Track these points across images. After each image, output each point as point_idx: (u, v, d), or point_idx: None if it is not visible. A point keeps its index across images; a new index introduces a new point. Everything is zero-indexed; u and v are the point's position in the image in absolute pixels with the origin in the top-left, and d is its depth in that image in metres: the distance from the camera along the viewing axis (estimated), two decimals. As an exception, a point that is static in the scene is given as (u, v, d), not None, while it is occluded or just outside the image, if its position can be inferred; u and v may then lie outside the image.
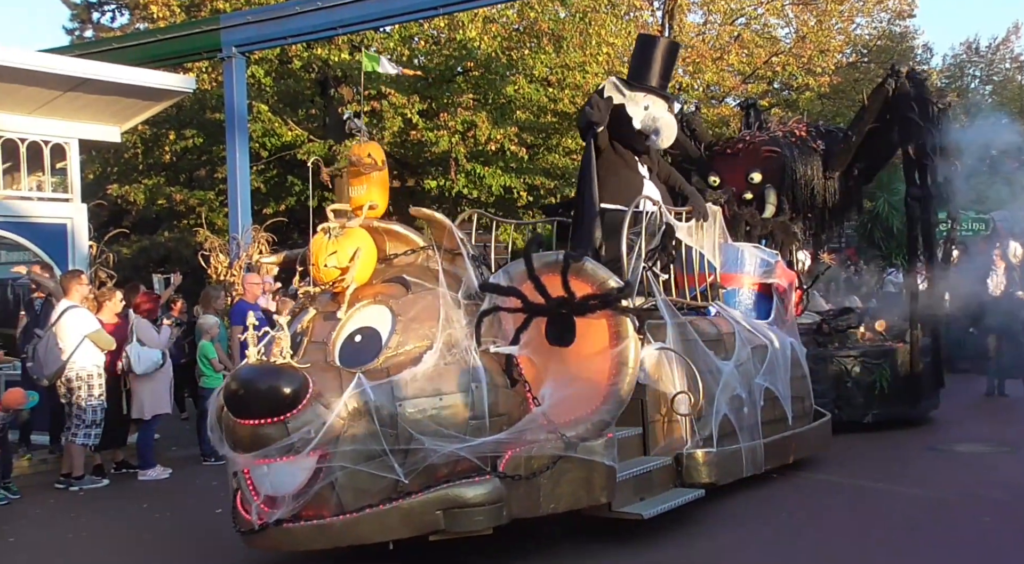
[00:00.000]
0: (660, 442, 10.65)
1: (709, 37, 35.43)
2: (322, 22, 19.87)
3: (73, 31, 33.77)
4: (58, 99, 16.16)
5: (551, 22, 29.30)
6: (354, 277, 8.83)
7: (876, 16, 40.63)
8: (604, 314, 8.92)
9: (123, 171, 31.14)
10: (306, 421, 8.07)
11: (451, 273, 9.26)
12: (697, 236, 11.90)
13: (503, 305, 8.94)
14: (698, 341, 10.98)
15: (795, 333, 13.09)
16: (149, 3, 28.31)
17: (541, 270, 8.95)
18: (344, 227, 9.04)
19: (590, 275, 9.01)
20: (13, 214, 16.53)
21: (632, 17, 32.48)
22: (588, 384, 8.92)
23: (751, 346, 11.73)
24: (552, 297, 8.85)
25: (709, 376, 10.89)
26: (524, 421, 8.70)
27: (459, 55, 28.52)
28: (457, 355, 8.71)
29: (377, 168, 9.31)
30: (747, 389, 11.40)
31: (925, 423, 16.30)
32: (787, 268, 13.36)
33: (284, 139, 27.95)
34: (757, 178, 16.16)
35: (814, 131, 17.08)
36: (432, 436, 8.37)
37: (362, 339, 8.78)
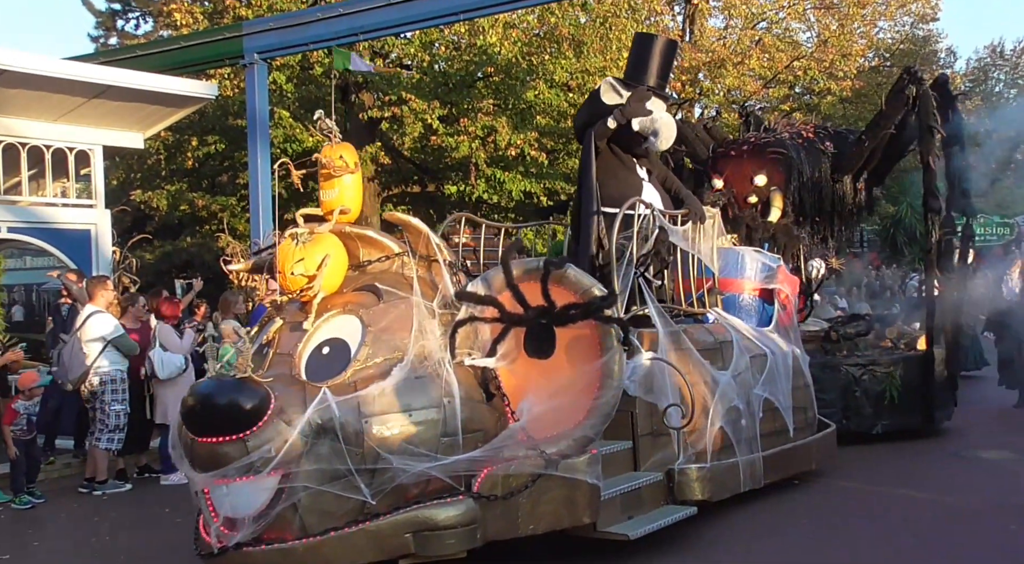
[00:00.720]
0: (651, 457, 9.96)
1: (730, 41, 34.60)
2: (343, 28, 19.35)
3: (98, 39, 33.47)
4: (83, 106, 15.99)
5: (571, 27, 28.47)
6: (321, 285, 8.17)
7: (899, 20, 39.83)
8: (588, 324, 8.23)
9: (146, 177, 30.73)
10: (266, 439, 7.44)
11: (428, 281, 8.63)
12: (694, 240, 11.14)
13: (480, 315, 8.25)
14: (692, 350, 10.28)
15: (798, 341, 12.32)
16: (172, 10, 27.81)
17: (521, 278, 8.28)
18: (313, 233, 8.35)
19: (573, 283, 8.33)
20: (38, 220, 16.43)
21: (653, 22, 31.65)
22: (571, 398, 8.25)
23: (750, 355, 11.00)
24: (532, 306, 8.16)
25: (704, 387, 10.22)
26: (501, 437, 8.07)
27: (479, 60, 27.87)
28: (430, 368, 8.09)
29: (349, 170, 8.63)
30: (745, 400, 10.68)
31: (947, 430, 15.56)
32: (790, 273, 12.53)
33: (305, 145, 27.01)
34: (762, 181, 15.32)
35: (822, 133, 16.23)
36: (401, 454, 7.73)
37: (330, 351, 8.13)
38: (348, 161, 8.76)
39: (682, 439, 9.99)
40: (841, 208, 15.88)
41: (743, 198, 15.27)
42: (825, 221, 16.06)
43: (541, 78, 28.03)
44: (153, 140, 25.32)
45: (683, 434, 9.94)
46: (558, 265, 8.36)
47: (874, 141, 15.33)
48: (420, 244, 8.73)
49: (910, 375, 14.61)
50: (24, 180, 16.56)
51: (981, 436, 15.19)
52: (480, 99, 27.82)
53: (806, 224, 15.71)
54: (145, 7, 32.25)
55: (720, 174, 15.45)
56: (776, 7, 36.03)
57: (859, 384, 14.41)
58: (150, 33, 32.45)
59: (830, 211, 15.85)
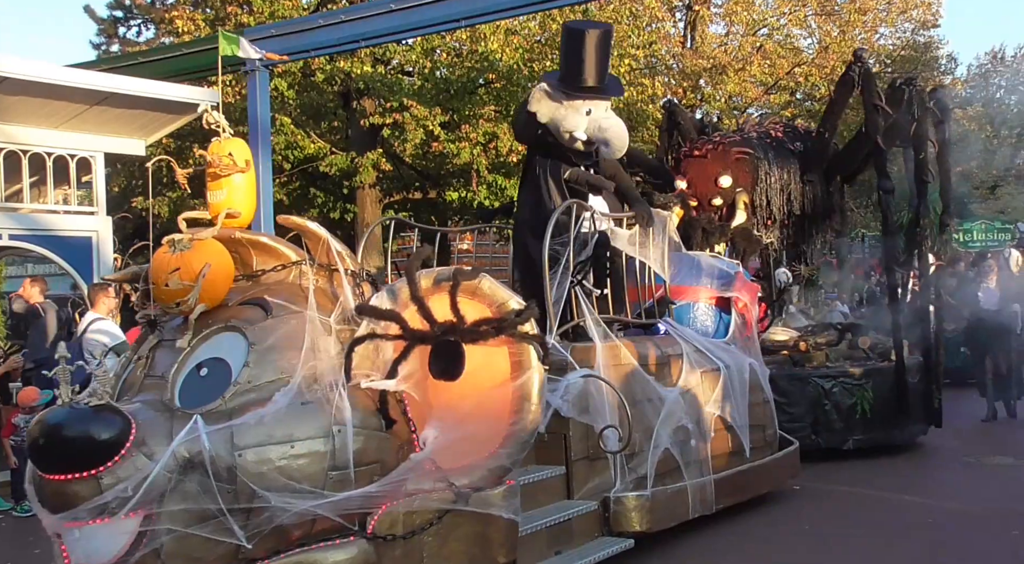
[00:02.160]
0: (586, 484, 8.68)
1: (731, 48, 33.20)
2: (345, 35, 18.49)
3: (100, 46, 32.54)
4: (84, 113, 15.53)
5: None
6: (198, 297, 6.83)
7: (900, 26, 38.25)
8: (503, 341, 6.98)
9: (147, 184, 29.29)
10: (124, 476, 6.13)
11: (329, 293, 7.34)
12: (642, 245, 9.76)
13: (381, 331, 6.91)
14: (635, 365, 8.94)
15: (757, 353, 10.93)
16: (174, 17, 27.18)
17: (430, 290, 7.02)
18: (193, 239, 7.03)
19: (487, 295, 7.09)
20: (40, 227, 15.98)
21: (654, 28, 30.31)
22: (484, 423, 7.06)
23: (701, 369, 9.64)
24: (439, 322, 6.87)
25: (648, 405, 8.90)
26: (401, 469, 6.79)
27: (481, 67, 27.03)
28: (319, 392, 6.72)
29: (239, 169, 7.36)
30: (695, 419, 9.37)
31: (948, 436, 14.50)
32: (749, 280, 11.12)
33: (307, 151, 26.51)
34: (727, 182, 13.98)
35: (791, 132, 14.85)
36: (280, 491, 6.40)
37: (208, 373, 6.83)
38: (238, 159, 7.51)
39: (620, 464, 8.65)
40: (812, 210, 14.43)
41: (707, 200, 13.91)
42: (796, 224, 14.59)
43: None
44: (155, 147, 24.45)
45: (621, 458, 8.60)
46: (470, 275, 7.08)
47: (833, 132, 13.93)
48: (320, 252, 7.38)
49: (883, 387, 13.17)
50: (25, 187, 16.12)
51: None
52: (482, 105, 27.10)
53: (775, 228, 14.29)
54: (147, 14, 31.41)
55: (684, 175, 14.07)
56: (777, 14, 34.62)
57: (829, 397, 13.06)
58: (152, 40, 31.58)
59: (800, 214, 14.41)
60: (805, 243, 14.87)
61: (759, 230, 14.20)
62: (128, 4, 30.44)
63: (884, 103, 13.28)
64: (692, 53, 31.80)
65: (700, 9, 33.18)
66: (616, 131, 10.06)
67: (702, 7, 33.30)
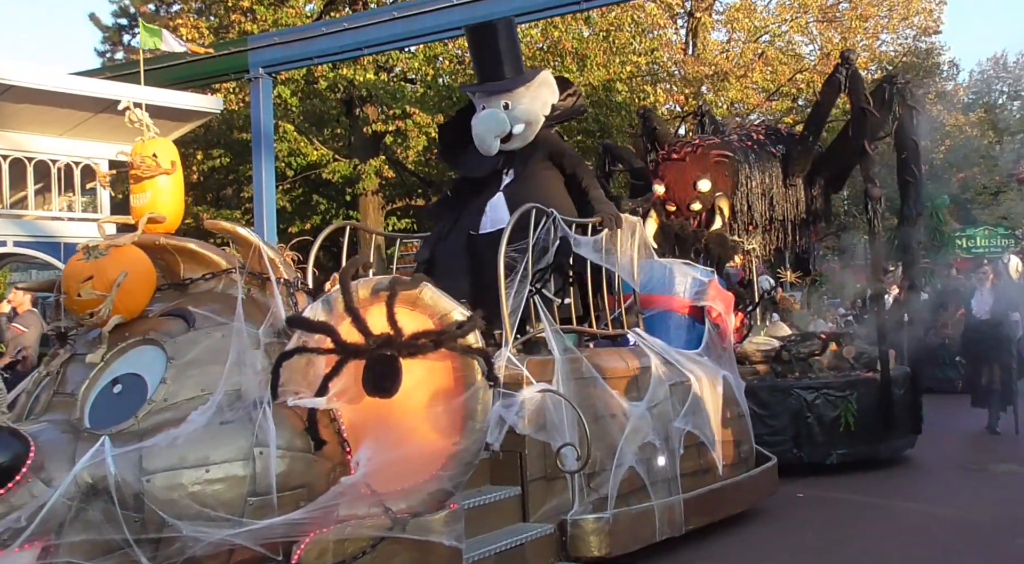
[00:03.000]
0: (543, 506, 7.88)
1: (733, 54, 32.45)
2: (347, 43, 18.64)
3: (104, 53, 31.99)
4: (89, 121, 15.40)
5: (575, 41, 27.32)
6: (111, 308, 6.09)
7: (901, 32, 37.41)
8: (446, 355, 6.21)
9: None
10: (18, 504, 5.40)
11: (262, 304, 6.61)
12: (609, 252, 8.98)
13: (312, 345, 6.17)
14: (598, 379, 8.15)
15: (732, 365, 10.11)
16: (178, 25, 26.82)
17: (368, 300, 6.27)
18: (110, 246, 6.30)
19: (429, 305, 6.33)
20: (44, 234, 15.88)
21: (656, 35, 29.60)
22: (425, 444, 6.28)
23: (670, 382, 8.83)
24: (375, 335, 6.10)
25: (611, 421, 8.11)
26: (331, 494, 6.05)
27: None
28: (241, 411, 6.00)
29: (164, 171, 6.64)
30: (663, 435, 8.57)
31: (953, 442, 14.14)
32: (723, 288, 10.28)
33: (310, 158, 26.30)
34: (705, 186, 13.09)
35: (773, 134, 14.02)
36: (193, 520, 5.67)
37: (122, 390, 6.08)
38: (163, 159, 6.79)
39: (580, 484, 7.86)
40: (795, 216, 13.58)
41: (686, 205, 13.08)
42: (778, 230, 13.74)
43: None
44: None
45: (581, 478, 7.82)
46: (409, 284, 6.32)
47: (818, 135, 13.10)
48: (252, 259, 6.65)
49: (867, 399, 12.32)
50: (30, 194, 15.99)
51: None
52: None
53: (756, 234, 13.45)
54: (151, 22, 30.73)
55: (662, 179, 13.23)
56: (779, 20, 33.84)
57: (811, 409, 12.17)
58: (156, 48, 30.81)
59: (783, 219, 13.56)
60: (787, 248, 13.99)
61: (740, 235, 13.35)
62: (133, 12, 29.97)
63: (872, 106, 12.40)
64: (694, 60, 31.10)
65: (702, 16, 32.48)
66: (525, 112, 9.34)
67: (704, 14, 32.62)
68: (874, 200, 12.47)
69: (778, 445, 11.51)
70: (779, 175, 13.27)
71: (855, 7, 33.78)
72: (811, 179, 13.49)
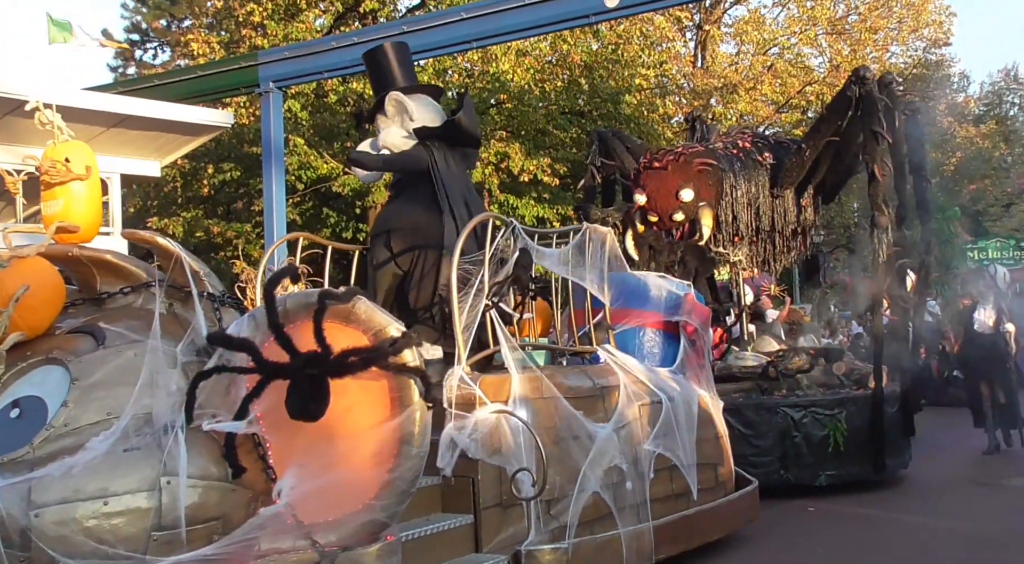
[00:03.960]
0: (498, 535, 7.12)
1: (742, 67, 31.73)
2: (357, 57, 17.02)
3: (117, 68, 31.62)
4: (101, 135, 14.29)
5: (584, 54, 26.58)
6: (7, 324, 5.44)
7: (911, 44, 36.66)
8: (379, 374, 5.49)
9: (163, 204, 28.88)
10: None
11: (185, 320, 5.92)
12: (576, 265, 8.23)
13: (233, 364, 5.50)
14: (560, 399, 7.38)
15: (709, 383, 9.30)
16: (190, 40, 26.42)
17: (295, 314, 5.55)
18: (12, 258, 5.63)
19: (363, 321, 5.59)
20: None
21: (665, 48, 28.88)
22: (357, 470, 5.56)
23: (640, 402, 8.04)
24: (300, 353, 5.39)
25: (574, 444, 7.34)
26: (250, 526, 5.33)
27: (492, 87, 26.20)
28: (149, 437, 5.31)
29: (76, 176, 5.97)
30: (631, 458, 7.78)
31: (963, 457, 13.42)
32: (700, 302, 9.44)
33: (320, 172, 25.43)
34: (689, 196, 12.20)
35: (761, 143, 13.15)
36: (87, 558, 5.01)
37: (20, 413, 5.42)
38: (75, 164, 6.13)
39: (538, 512, 7.09)
40: (783, 227, 12.71)
41: (668, 215, 12.25)
42: (765, 241, 12.89)
43: (555, 104, 26.35)
44: (170, 168, 24.18)
45: (538, 505, 7.06)
46: (341, 297, 5.59)
47: (815, 150, 12.25)
48: (174, 271, 5.96)
49: (858, 418, 11.47)
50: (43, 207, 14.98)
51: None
52: (493, 126, 26.00)
53: (742, 246, 12.62)
54: (163, 37, 30.66)
55: (643, 189, 12.40)
56: (788, 33, 33.08)
57: (799, 428, 11.30)
58: (168, 63, 30.85)
59: (770, 230, 12.70)
60: (776, 261, 13.11)
61: (725, 247, 12.52)
62: (145, 28, 29.69)
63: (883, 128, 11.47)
64: (703, 72, 30.38)
65: (710, 29, 31.77)
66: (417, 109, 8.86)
67: (712, 27, 31.91)
68: (880, 228, 11.54)
69: (764, 466, 10.76)
70: (766, 184, 12.43)
71: (864, 19, 33.00)
72: (801, 189, 12.62)
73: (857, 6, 33.67)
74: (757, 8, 32.75)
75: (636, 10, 17.94)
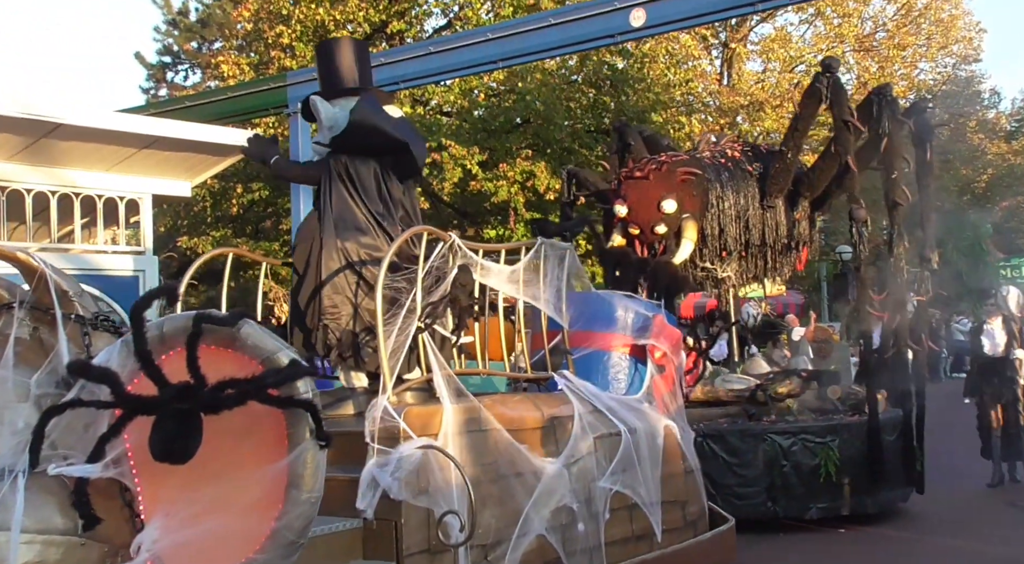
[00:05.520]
0: (423, 584, 5.99)
1: (768, 84, 30.49)
2: (384, 77, 16.81)
3: (149, 90, 31.26)
4: (133, 156, 14.27)
5: (610, 72, 25.91)
6: None
7: (940, 61, 35.21)
8: (265, 409, 4.52)
9: (192, 223, 28.41)
10: None
11: (48, 345, 4.95)
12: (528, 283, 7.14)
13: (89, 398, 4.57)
14: (500, 431, 6.31)
15: (680, 413, 8.12)
16: (220, 62, 26.00)
17: (176, 340, 4.62)
18: None
19: (251, 347, 4.65)
20: (89, 267, 14.58)
21: (691, 66, 27.82)
22: (237, 518, 4.59)
23: (596, 434, 6.93)
24: (169, 385, 4.44)
25: (516, 482, 6.27)
26: (100, 585, 4.32)
27: (518, 107, 25.49)
28: (-19, 484, 4.35)
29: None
30: (584, 497, 6.68)
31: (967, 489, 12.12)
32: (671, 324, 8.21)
33: None
34: (671, 207, 10.96)
35: (751, 151, 11.94)
36: None
37: None
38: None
39: (471, 558, 6.02)
40: (775, 241, 11.50)
41: (650, 228, 11.08)
42: (755, 256, 11.67)
43: (580, 122, 25.68)
44: (200, 188, 23.88)
45: (468, 551, 5.98)
46: (224, 320, 4.67)
47: (797, 150, 11.13)
48: (39, 290, 5.03)
49: (852, 446, 10.23)
50: (77, 228, 14.95)
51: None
52: (519, 144, 25.42)
53: (731, 261, 11.43)
54: (194, 59, 30.22)
55: (624, 199, 11.24)
56: (814, 50, 31.77)
57: (788, 457, 10.03)
58: (199, 84, 30.56)
59: (760, 244, 11.49)
60: (767, 276, 11.87)
61: (713, 263, 11.32)
62: (176, 50, 29.21)
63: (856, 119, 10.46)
64: (729, 90, 29.31)
65: (737, 47, 30.62)
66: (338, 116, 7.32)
67: (738, 45, 30.77)
68: (858, 222, 10.42)
69: (750, 498, 9.61)
70: (756, 195, 11.22)
71: (892, 36, 31.72)
72: (793, 200, 11.41)
73: (885, 23, 32.40)
74: (783, 26, 31.55)
75: (662, 29, 17.13)
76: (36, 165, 14.30)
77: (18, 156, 13.94)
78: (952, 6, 34.32)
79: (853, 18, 31.23)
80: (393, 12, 25.24)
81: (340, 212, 7.25)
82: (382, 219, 7.21)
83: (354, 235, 7.12)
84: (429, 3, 27.04)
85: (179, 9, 29.73)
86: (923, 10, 33.46)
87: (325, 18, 24.55)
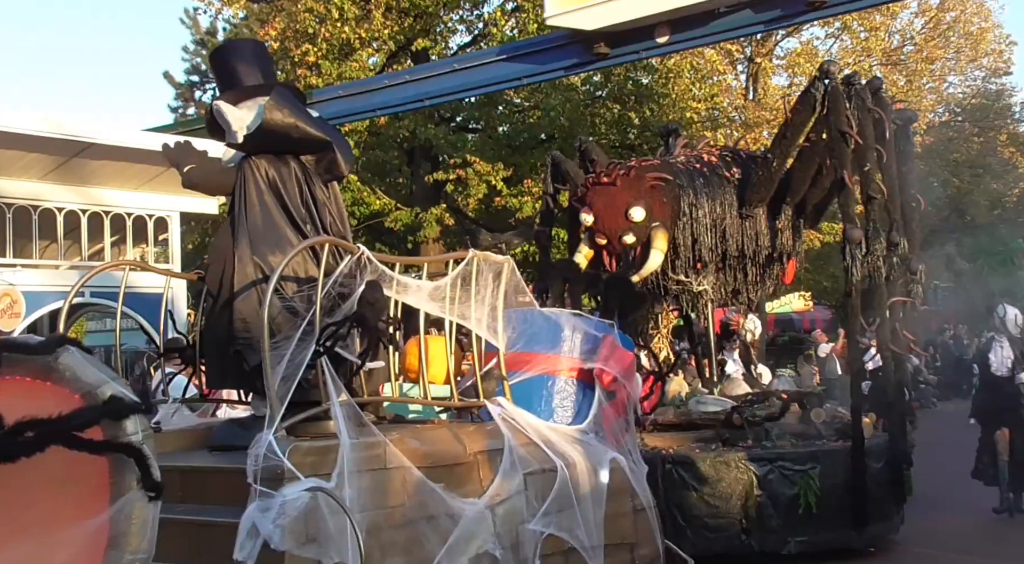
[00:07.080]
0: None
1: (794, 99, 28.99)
2: (408, 95, 17.36)
3: (177, 109, 30.50)
4: (162, 175, 14.63)
5: (633, 86, 24.75)
6: None
7: (969, 74, 33.53)
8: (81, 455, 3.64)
9: None
10: None
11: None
12: (454, 300, 6.09)
13: None
14: (409, 470, 5.28)
15: (632, 444, 6.97)
16: None
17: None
18: None
19: (70, 380, 3.79)
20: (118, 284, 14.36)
21: (716, 81, 26.61)
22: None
23: (527, 470, 5.85)
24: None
25: (427, 526, 5.22)
26: None
27: (542, 123, 24.59)
28: None
29: None
30: (510, 542, 5.61)
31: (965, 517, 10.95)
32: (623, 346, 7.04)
33: (372, 207, 24.23)
34: (639, 215, 9.65)
35: (729, 156, 10.68)
36: None
37: None
38: None
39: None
40: (755, 253, 10.22)
41: (617, 237, 9.88)
42: (734, 269, 10.40)
43: (604, 138, 24.15)
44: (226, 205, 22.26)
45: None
46: (35, 347, 3.83)
47: (783, 158, 9.88)
48: None
49: (834, 474, 8.95)
50: (107, 245, 15.57)
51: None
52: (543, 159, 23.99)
53: (708, 273, 10.18)
54: None
55: (590, 207, 10.03)
56: (842, 64, 30.23)
57: (764, 486, 8.76)
58: None
59: (739, 256, 10.22)
60: (748, 292, 10.56)
61: (687, 275, 10.09)
62: (204, 69, 28.41)
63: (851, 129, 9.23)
64: (755, 105, 27.92)
65: (762, 61, 29.24)
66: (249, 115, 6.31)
67: (764, 59, 29.38)
68: (852, 243, 9.10)
69: (723, 530, 8.42)
70: (734, 203, 9.95)
71: (920, 50, 30.16)
72: (776, 209, 10.14)
73: (912, 36, 30.83)
74: (809, 40, 30.02)
75: (686, 45, 16.85)
76: (67, 184, 14.57)
77: (50, 176, 14.20)
78: (981, 19, 32.70)
79: (880, 31, 29.67)
80: (418, 30, 24.32)
81: (256, 222, 6.24)
82: (304, 225, 6.20)
83: (272, 248, 6.11)
84: (454, 20, 26.11)
85: (207, 29, 29.00)
86: (952, 23, 31.86)
87: (351, 36, 23.65)
